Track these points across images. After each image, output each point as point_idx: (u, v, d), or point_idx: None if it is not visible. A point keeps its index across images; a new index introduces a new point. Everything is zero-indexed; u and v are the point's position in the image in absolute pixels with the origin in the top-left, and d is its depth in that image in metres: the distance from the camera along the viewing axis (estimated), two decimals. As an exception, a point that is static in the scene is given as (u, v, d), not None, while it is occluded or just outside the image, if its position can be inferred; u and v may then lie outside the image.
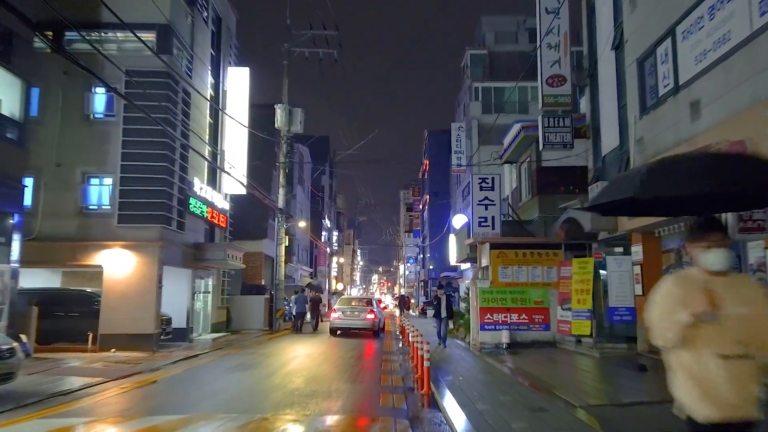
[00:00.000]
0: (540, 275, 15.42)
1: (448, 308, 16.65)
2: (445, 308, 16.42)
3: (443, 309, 16.39)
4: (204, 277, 20.72)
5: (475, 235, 15.91)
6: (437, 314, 16.60)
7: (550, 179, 17.54)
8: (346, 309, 21.77)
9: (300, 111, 24.66)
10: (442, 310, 16.39)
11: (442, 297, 16.65)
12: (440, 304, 16.42)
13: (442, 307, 16.35)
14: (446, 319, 16.56)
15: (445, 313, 16.39)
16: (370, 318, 21.01)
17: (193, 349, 16.46)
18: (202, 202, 19.24)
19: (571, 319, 14.09)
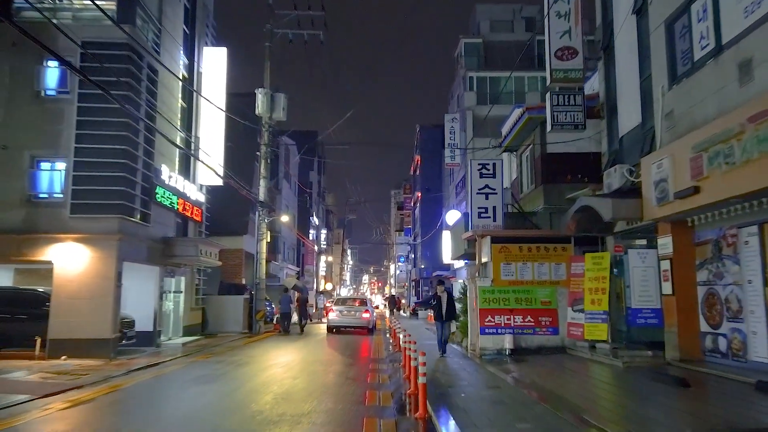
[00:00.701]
0: (547, 272, 13.72)
1: (450, 309, 14.06)
2: (446, 309, 13.92)
3: (442, 310, 13.96)
4: (175, 276, 18.87)
5: (474, 227, 14.20)
6: (438, 316, 14.02)
7: (556, 167, 15.84)
8: (343, 309, 23.02)
9: (283, 96, 22.87)
10: (443, 313, 13.93)
11: (443, 295, 14.00)
12: (440, 305, 13.94)
13: (442, 308, 13.90)
14: (447, 322, 14.20)
15: (445, 315, 13.93)
16: (365, 317, 22.33)
17: (158, 355, 14.64)
18: (171, 192, 17.40)
19: (584, 321, 12.41)
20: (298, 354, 14.66)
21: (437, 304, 14.07)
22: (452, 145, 32.62)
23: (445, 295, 14.03)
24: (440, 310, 13.90)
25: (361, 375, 10.79)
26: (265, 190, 22.98)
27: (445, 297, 13.97)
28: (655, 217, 9.97)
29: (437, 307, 14.03)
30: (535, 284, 13.66)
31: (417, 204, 55.53)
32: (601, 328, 11.92)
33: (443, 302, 13.92)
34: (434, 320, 14.60)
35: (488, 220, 14.13)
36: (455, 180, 36.85)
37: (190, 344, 17.63)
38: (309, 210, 49.02)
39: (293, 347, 16.67)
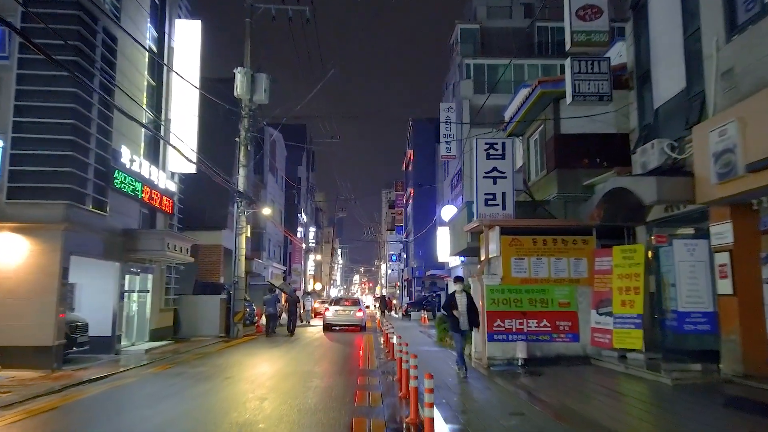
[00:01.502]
0: (566, 269, 11.78)
1: (474, 314, 10.67)
2: (468, 315, 10.55)
3: (464, 315, 10.54)
4: (140, 273, 16.75)
5: (480, 216, 12.23)
6: (455, 326, 10.72)
7: (571, 150, 13.94)
8: (339, 308, 24.67)
9: (265, 77, 20.79)
10: (462, 318, 10.55)
11: (460, 296, 10.62)
12: (453, 308, 10.65)
13: (457, 314, 10.56)
14: (470, 332, 11.20)
15: (467, 323, 10.59)
16: (359, 315, 23.96)
17: (112, 365, 12.58)
18: (134, 178, 15.30)
19: (613, 327, 10.49)
20: (276, 363, 12.62)
21: (450, 308, 10.71)
22: (448, 136, 30.66)
23: (464, 296, 10.67)
24: (457, 317, 10.60)
25: (348, 393, 8.77)
26: (245, 180, 20.91)
27: (464, 298, 10.63)
28: (712, 199, 8.03)
29: (450, 312, 10.72)
30: (552, 282, 11.72)
31: (409, 201, 53.56)
32: (635, 335, 9.99)
33: (462, 305, 10.61)
34: (451, 330, 11.32)
35: (496, 208, 12.17)
36: (450, 174, 34.93)
37: (156, 350, 15.54)
38: (297, 206, 46.93)
39: (272, 354, 14.62)
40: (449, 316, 10.85)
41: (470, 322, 10.65)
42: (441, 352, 15.15)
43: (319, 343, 18.21)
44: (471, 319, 10.64)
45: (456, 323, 10.66)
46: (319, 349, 16.13)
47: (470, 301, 10.72)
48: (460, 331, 10.68)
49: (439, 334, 18.40)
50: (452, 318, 10.72)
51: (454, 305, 10.65)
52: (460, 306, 10.58)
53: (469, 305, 10.64)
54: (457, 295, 10.75)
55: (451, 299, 10.85)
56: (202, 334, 19.91)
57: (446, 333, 17.67)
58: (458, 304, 10.60)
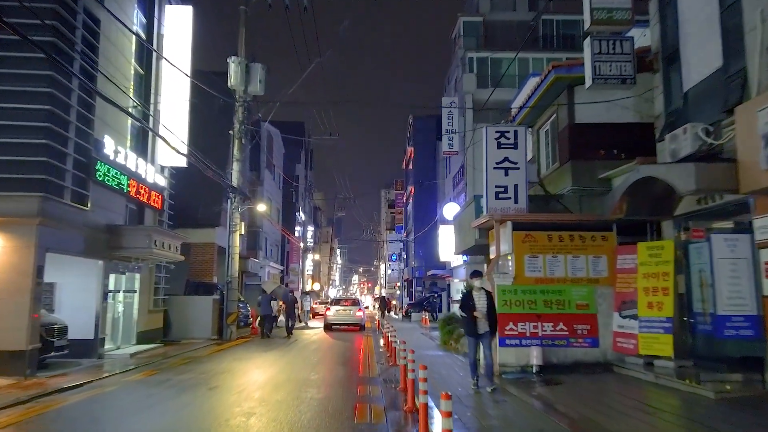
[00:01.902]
0: (584, 267, 10.83)
1: (494, 316, 9.20)
2: (488, 316, 9.08)
3: (483, 317, 9.06)
4: (126, 272, 15.79)
5: (490, 211, 11.27)
6: (471, 329, 9.21)
7: (587, 140, 13.00)
8: (339, 308, 25.63)
9: (260, 67, 19.82)
10: (480, 322, 9.07)
11: (479, 295, 9.17)
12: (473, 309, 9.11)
13: (479, 316, 9.07)
14: (491, 337, 9.28)
15: (487, 325, 9.08)
16: (359, 315, 24.96)
17: (92, 371, 11.66)
18: (119, 170, 14.33)
19: (638, 331, 9.54)
20: (269, 369, 11.66)
21: (469, 308, 9.13)
22: (450, 131, 29.71)
23: (483, 294, 9.18)
24: (472, 319, 9.13)
25: (347, 406, 7.81)
26: (239, 175, 19.94)
27: (484, 297, 9.15)
28: (761, 187, 7.06)
29: (468, 314, 9.14)
30: (569, 282, 10.77)
31: (409, 200, 52.60)
32: (664, 341, 9.05)
33: (482, 304, 9.09)
34: (466, 334, 9.61)
35: (508, 202, 11.21)
36: (452, 171, 33.97)
37: (142, 354, 14.58)
38: (295, 205, 45.95)
39: (265, 359, 13.66)
40: (465, 318, 9.25)
41: (492, 324, 9.15)
42: (446, 356, 14.20)
43: (317, 346, 17.26)
44: (493, 320, 9.15)
45: (473, 326, 9.10)
46: (317, 353, 15.17)
47: (490, 301, 9.20)
48: (477, 334, 9.12)
49: (443, 336, 17.45)
50: (469, 320, 9.14)
51: (472, 305, 9.11)
52: (479, 306, 9.07)
53: (489, 305, 9.13)
54: (475, 294, 9.20)
55: (468, 298, 9.24)
56: (193, 336, 18.96)
57: (450, 336, 16.74)
58: (477, 303, 9.10)
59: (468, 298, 9.27)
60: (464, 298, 9.43)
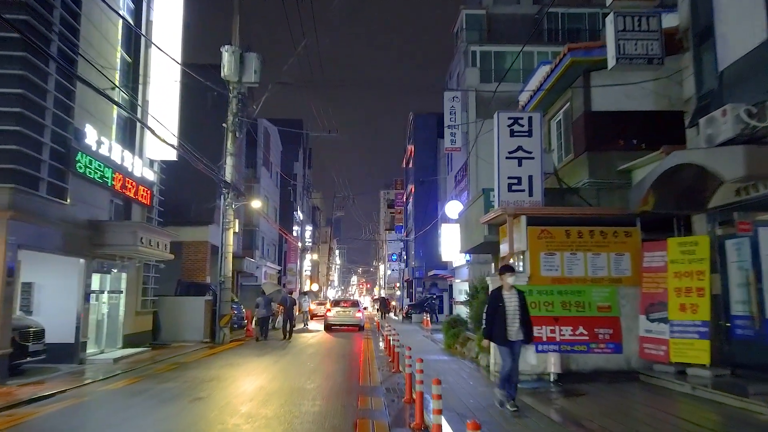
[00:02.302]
0: (605, 266, 9.92)
1: (526, 320, 7.48)
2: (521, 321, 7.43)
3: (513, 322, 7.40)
4: (112, 271, 14.86)
5: (502, 204, 10.33)
6: (500, 335, 7.43)
7: (605, 129, 12.08)
8: (339, 309, 26.22)
9: (255, 56, 18.89)
10: (509, 327, 7.37)
11: (510, 295, 7.53)
12: (503, 312, 7.43)
13: (509, 319, 7.40)
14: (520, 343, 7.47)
15: (519, 332, 7.41)
16: (358, 316, 25.71)
17: (72, 377, 10.76)
18: (102, 162, 13.41)
19: (669, 336, 8.62)
20: (261, 377, 10.71)
21: (495, 312, 7.48)
22: (452, 128, 28.76)
23: (515, 294, 7.53)
24: (500, 321, 7.39)
25: (346, 424, 6.87)
26: (233, 170, 18.99)
27: (515, 298, 7.50)
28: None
29: (493, 318, 7.47)
30: (589, 282, 9.85)
31: (410, 198, 51.66)
32: (699, 347, 8.13)
33: (513, 307, 7.44)
34: (492, 341, 7.78)
35: (522, 195, 10.28)
36: (454, 169, 33.04)
37: (127, 359, 13.66)
38: (293, 204, 45.01)
39: (258, 365, 12.72)
40: (490, 322, 7.53)
41: (527, 330, 7.42)
42: (453, 362, 13.28)
43: (314, 350, 16.32)
44: (527, 326, 7.43)
45: (503, 332, 7.36)
46: (314, 358, 14.23)
47: (523, 303, 7.52)
48: (508, 342, 7.37)
49: (447, 340, 16.51)
50: (498, 325, 7.40)
51: (501, 308, 7.45)
52: (509, 308, 7.43)
53: (521, 308, 7.48)
54: (505, 294, 7.52)
55: (496, 299, 7.55)
56: (184, 339, 18.04)
57: (456, 339, 15.81)
58: (507, 305, 7.45)
59: (496, 299, 7.56)
60: (492, 298, 7.73)
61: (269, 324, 21.38)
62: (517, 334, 7.43)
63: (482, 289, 15.94)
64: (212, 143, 20.35)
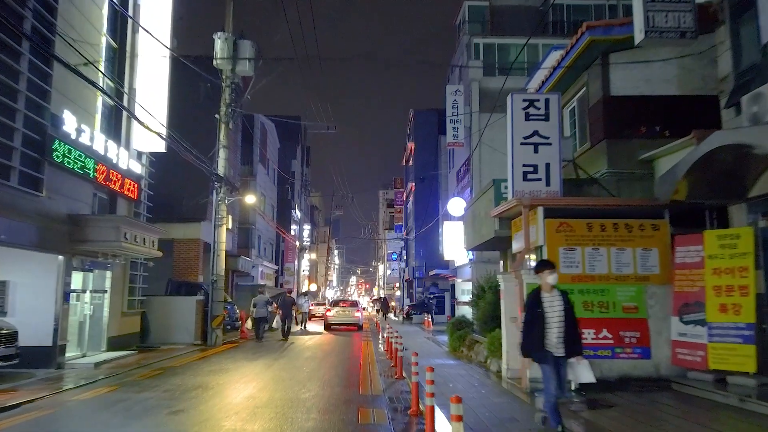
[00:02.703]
0: (631, 262, 9.00)
1: (572, 330, 5.90)
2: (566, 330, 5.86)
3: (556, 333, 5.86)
4: (94, 269, 13.90)
5: (516, 194, 9.40)
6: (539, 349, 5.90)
7: (625, 116, 11.18)
8: (339, 309, 26.96)
9: (249, 44, 17.96)
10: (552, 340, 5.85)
11: (552, 298, 5.94)
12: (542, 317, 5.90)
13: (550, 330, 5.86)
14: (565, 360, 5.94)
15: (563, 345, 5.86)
16: (357, 315, 26.37)
17: (46, 384, 9.84)
18: (83, 152, 12.47)
19: (707, 340, 7.69)
20: (251, 384, 9.76)
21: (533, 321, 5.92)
22: (455, 122, 27.84)
23: (558, 297, 5.94)
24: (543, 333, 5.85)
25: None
26: (226, 163, 18.06)
27: (559, 302, 5.92)
28: None
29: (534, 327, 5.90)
30: (613, 280, 8.92)
31: (410, 197, 50.73)
32: (744, 352, 7.21)
33: (555, 312, 5.87)
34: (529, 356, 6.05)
35: (538, 184, 9.36)
36: (456, 165, 32.11)
37: (110, 363, 12.72)
38: (290, 202, 44.05)
39: (250, 370, 11.78)
40: (528, 334, 5.96)
41: (569, 345, 5.81)
42: (459, 366, 12.36)
43: (311, 353, 15.38)
44: (570, 340, 5.82)
45: (541, 345, 5.83)
46: (310, 362, 13.29)
47: (569, 307, 5.92)
48: (552, 359, 5.81)
49: (452, 342, 15.59)
50: (537, 336, 5.85)
51: (540, 314, 5.86)
52: (552, 315, 5.83)
53: (567, 314, 5.87)
54: (544, 297, 5.93)
55: (535, 303, 5.95)
56: (174, 341, 17.09)
57: (461, 342, 14.88)
58: (547, 312, 5.86)
59: (534, 304, 5.95)
60: (529, 303, 6.09)
61: (266, 324, 20.45)
62: (559, 348, 5.81)
63: (490, 289, 15.02)
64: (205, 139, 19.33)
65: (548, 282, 5.99)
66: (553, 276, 6.02)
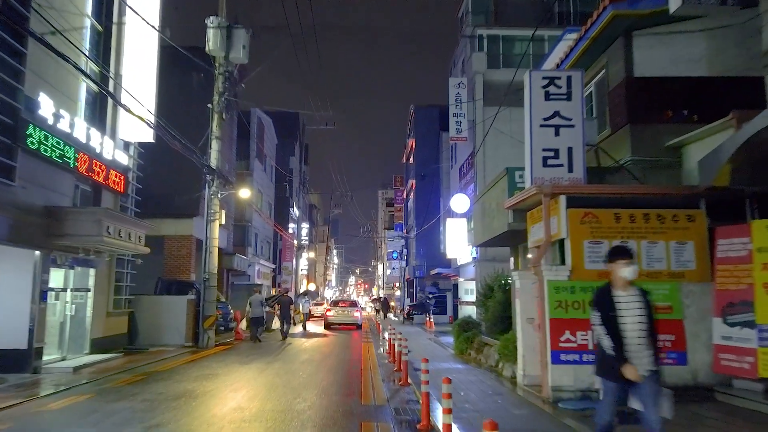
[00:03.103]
0: (663, 257, 8.09)
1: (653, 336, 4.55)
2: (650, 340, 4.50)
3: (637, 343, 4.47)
4: (76, 266, 12.96)
5: (535, 181, 8.48)
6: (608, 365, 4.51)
7: (650, 98, 10.28)
8: (339, 309, 27.30)
9: (243, 32, 17.04)
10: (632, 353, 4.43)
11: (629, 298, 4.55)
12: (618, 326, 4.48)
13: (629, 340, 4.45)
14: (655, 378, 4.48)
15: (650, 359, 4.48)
16: (356, 315, 26.73)
17: (17, 392, 8.92)
18: (62, 139, 11.53)
19: (758, 344, 6.78)
20: (240, 393, 8.83)
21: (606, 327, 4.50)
22: (458, 116, 26.91)
23: (636, 296, 4.59)
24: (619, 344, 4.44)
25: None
26: (219, 155, 17.12)
27: (638, 302, 4.56)
28: None
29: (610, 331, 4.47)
30: (644, 277, 7.98)
31: (410, 194, 49.82)
32: (803, 359, 6.26)
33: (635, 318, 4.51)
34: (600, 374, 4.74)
35: (560, 170, 8.45)
36: (459, 161, 31.20)
37: (91, 367, 11.81)
38: (288, 200, 43.09)
39: (241, 375, 10.84)
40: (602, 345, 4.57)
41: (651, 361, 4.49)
42: (468, 371, 11.43)
43: (308, 356, 14.44)
44: (653, 354, 4.52)
45: (610, 359, 4.48)
46: (307, 366, 12.36)
47: (650, 312, 4.57)
48: (621, 379, 4.44)
49: (459, 345, 14.66)
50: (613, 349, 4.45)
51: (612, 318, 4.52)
52: (629, 320, 4.49)
53: (648, 320, 4.53)
54: (619, 296, 4.57)
55: (605, 305, 4.58)
56: (164, 343, 16.16)
57: (469, 344, 13.95)
58: (623, 315, 4.50)
59: (605, 304, 4.56)
60: (598, 305, 4.62)
61: (263, 325, 19.53)
62: (643, 363, 4.41)
63: (499, 288, 14.13)
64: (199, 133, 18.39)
65: (624, 276, 4.52)
66: (632, 268, 4.53)
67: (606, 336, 4.49)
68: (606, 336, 4.49)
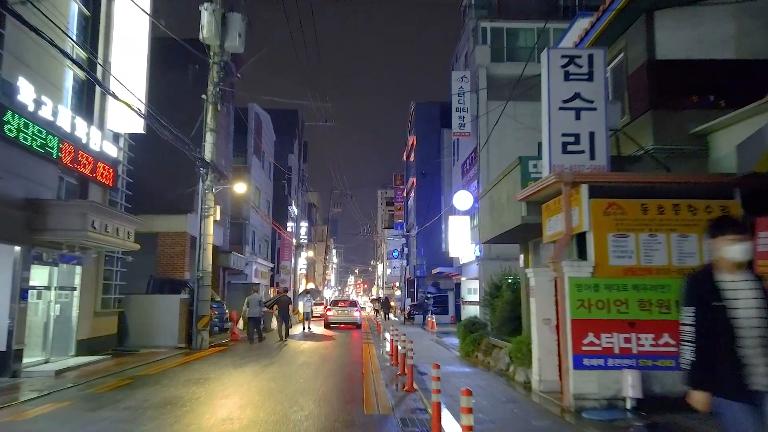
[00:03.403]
0: (695, 251, 7.37)
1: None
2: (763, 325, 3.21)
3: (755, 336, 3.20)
4: (60, 263, 12.24)
5: (554, 168, 7.77)
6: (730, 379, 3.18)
7: (673, 82, 9.57)
8: (338, 309, 27.65)
9: (239, 18, 16.31)
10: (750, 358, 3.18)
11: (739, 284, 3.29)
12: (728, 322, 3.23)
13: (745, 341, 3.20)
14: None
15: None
16: (356, 315, 27.13)
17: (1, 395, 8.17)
18: (43, 128, 10.80)
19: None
20: (231, 400, 8.11)
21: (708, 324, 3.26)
22: (461, 111, 26.18)
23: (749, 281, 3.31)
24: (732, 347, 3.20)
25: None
26: (214, 148, 16.39)
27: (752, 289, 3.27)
28: None
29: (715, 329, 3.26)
30: (674, 273, 7.29)
31: (411, 192, 49.09)
32: None
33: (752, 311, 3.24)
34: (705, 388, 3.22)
35: (581, 157, 7.74)
36: (461, 157, 30.48)
37: (74, 371, 11.10)
38: (287, 198, 42.34)
39: (234, 380, 10.12)
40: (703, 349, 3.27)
41: None
42: (476, 375, 10.73)
43: (306, 359, 13.73)
44: None
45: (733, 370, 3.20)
46: (305, 369, 11.63)
47: None
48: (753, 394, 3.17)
49: (465, 346, 13.95)
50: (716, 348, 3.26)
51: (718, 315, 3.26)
52: (744, 313, 3.24)
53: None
54: (726, 282, 3.32)
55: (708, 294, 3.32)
56: (156, 344, 15.44)
57: (476, 346, 13.24)
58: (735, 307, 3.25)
59: (709, 293, 3.33)
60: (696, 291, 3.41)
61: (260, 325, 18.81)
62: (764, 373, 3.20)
63: (507, 287, 13.42)
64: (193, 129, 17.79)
65: (733, 257, 3.32)
66: (743, 247, 3.31)
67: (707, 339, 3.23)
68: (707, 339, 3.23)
